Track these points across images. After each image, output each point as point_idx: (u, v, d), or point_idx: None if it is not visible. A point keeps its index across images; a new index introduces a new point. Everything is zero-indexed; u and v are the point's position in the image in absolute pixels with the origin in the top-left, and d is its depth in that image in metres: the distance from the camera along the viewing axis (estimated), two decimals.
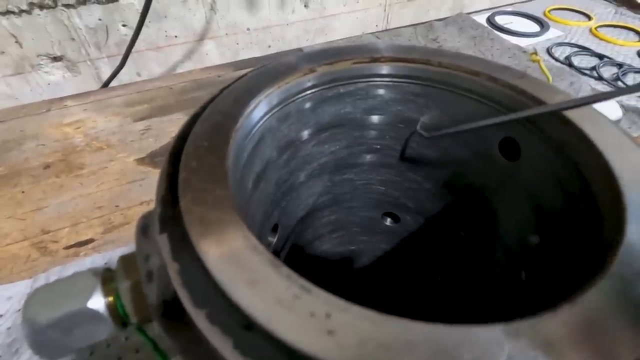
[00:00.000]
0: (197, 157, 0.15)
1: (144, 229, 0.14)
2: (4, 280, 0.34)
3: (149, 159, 0.46)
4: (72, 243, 0.37)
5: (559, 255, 0.18)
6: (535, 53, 0.64)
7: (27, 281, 0.34)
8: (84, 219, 0.39)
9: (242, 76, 0.20)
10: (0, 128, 0.50)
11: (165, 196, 0.14)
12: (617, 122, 0.18)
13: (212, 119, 0.17)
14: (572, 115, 0.17)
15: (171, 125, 0.51)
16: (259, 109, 0.18)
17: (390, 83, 0.22)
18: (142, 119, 0.52)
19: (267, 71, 0.20)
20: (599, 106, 0.17)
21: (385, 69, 0.22)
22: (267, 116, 0.19)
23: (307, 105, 0.21)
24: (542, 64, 0.61)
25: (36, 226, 0.38)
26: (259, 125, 0.18)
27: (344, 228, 0.31)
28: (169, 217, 0.13)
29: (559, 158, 0.18)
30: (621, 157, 0.15)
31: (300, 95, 0.21)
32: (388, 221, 0.31)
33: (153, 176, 0.44)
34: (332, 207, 0.29)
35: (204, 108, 0.18)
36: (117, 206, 0.41)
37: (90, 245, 0.37)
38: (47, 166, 0.45)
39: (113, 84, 0.59)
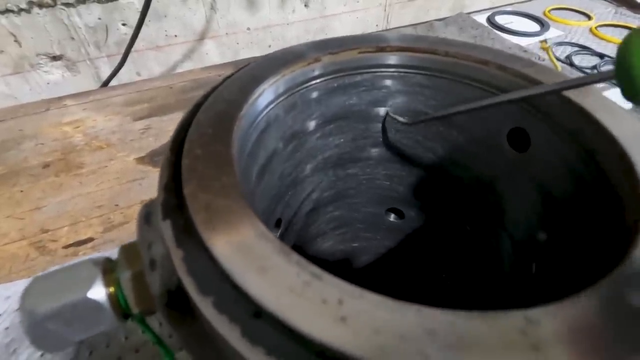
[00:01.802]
0: (201, 145, 0.14)
1: (146, 216, 0.13)
2: (2, 280, 0.33)
3: (149, 158, 0.46)
4: (71, 242, 0.37)
5: (572, 245, 0.17)
6: (545, 41, 0.65)
7: (25, 280, 0.33)
8: (83, 218, 0.39)
9: (246, 65, 0.19)
10: None
11: (168, 183, 0.13)
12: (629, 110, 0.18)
13: (217, 107, 0.16)
14: (584, 102, 0.17)
15: (171, 125, 0.51)
16: (264, 97, 0.18)
17: (397, 73, 0.22)
18: (142, 118, 0.52)
19: (272, 59, 0.19)
20: (610, 94, 0.17)
21: (391, 58, 0.21)
22: (273, 105, 0.18)
23: (313, 95, 0.21)
24: (551, 53, 0.61)
25: (35, 225, 0.38)
26: (264, 113, 0.18)
27: (347, 224, 0.30)
28: (173, 204, 0.13)
29: (572, 147, 0.17)
30: (638, 144, 0.15)
31: (306, 85, 0.20)
32: (392, 217, 0.30)
33: (153, 175, 0.44)
34: (335, 203, 0.28)
35: (206, 97, 0.17)
36: (116, 205, 0.40)
37: (89, 245, 0.37)
38: (46, 165, 0.44)
39: (112, 83, 0.59)
